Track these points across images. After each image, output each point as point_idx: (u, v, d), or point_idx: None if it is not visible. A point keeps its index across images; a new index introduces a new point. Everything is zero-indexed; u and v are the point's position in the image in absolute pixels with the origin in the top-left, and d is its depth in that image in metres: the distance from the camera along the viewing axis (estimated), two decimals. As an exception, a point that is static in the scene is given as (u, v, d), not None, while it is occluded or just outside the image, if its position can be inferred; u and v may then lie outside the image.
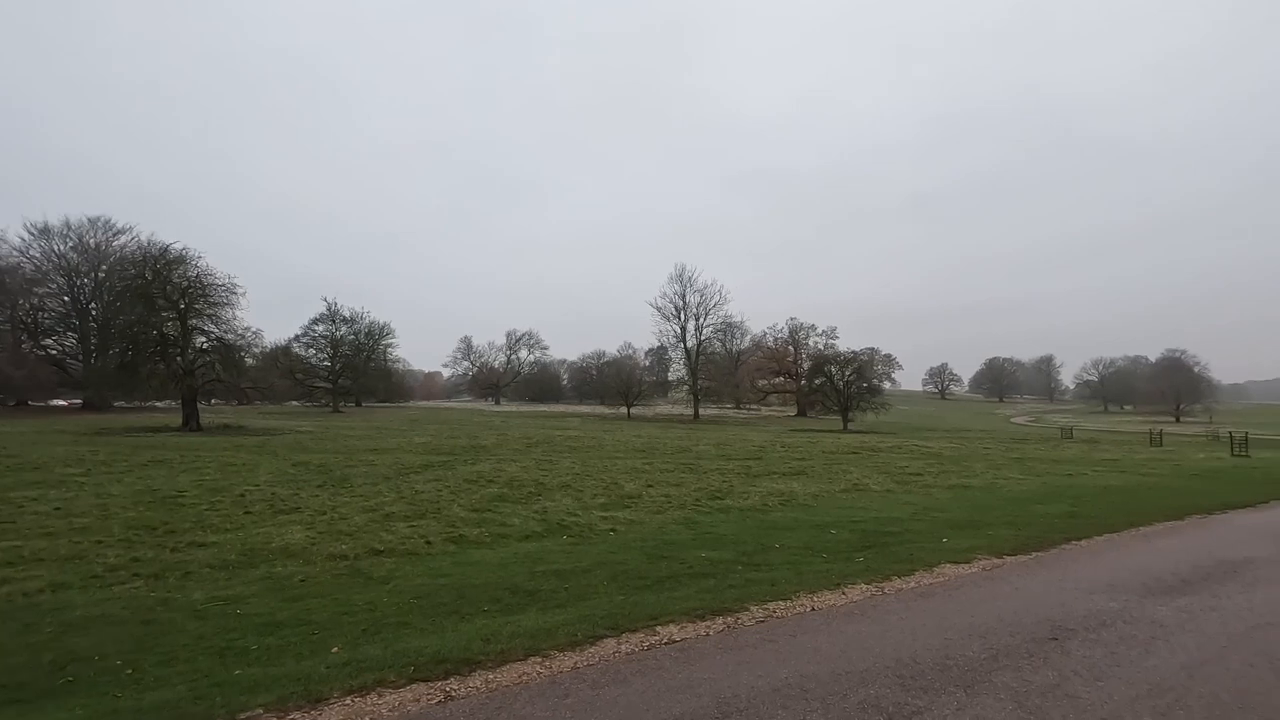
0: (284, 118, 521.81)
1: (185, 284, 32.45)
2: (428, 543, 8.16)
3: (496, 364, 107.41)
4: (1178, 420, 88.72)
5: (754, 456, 23.03)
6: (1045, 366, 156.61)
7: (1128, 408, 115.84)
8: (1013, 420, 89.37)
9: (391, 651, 4.57)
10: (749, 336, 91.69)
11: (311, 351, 65.31)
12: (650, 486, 13.80)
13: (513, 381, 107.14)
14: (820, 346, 76.30)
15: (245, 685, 4.04)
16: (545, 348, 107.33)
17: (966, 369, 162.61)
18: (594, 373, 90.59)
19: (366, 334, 68.79)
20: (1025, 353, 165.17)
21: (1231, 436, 35.62)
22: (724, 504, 11.74)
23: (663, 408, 78.18)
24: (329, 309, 65.07)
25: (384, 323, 70.42)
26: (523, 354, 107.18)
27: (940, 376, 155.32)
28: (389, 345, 72.44)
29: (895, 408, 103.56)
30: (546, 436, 29.75)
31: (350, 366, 65.85)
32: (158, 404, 44.82)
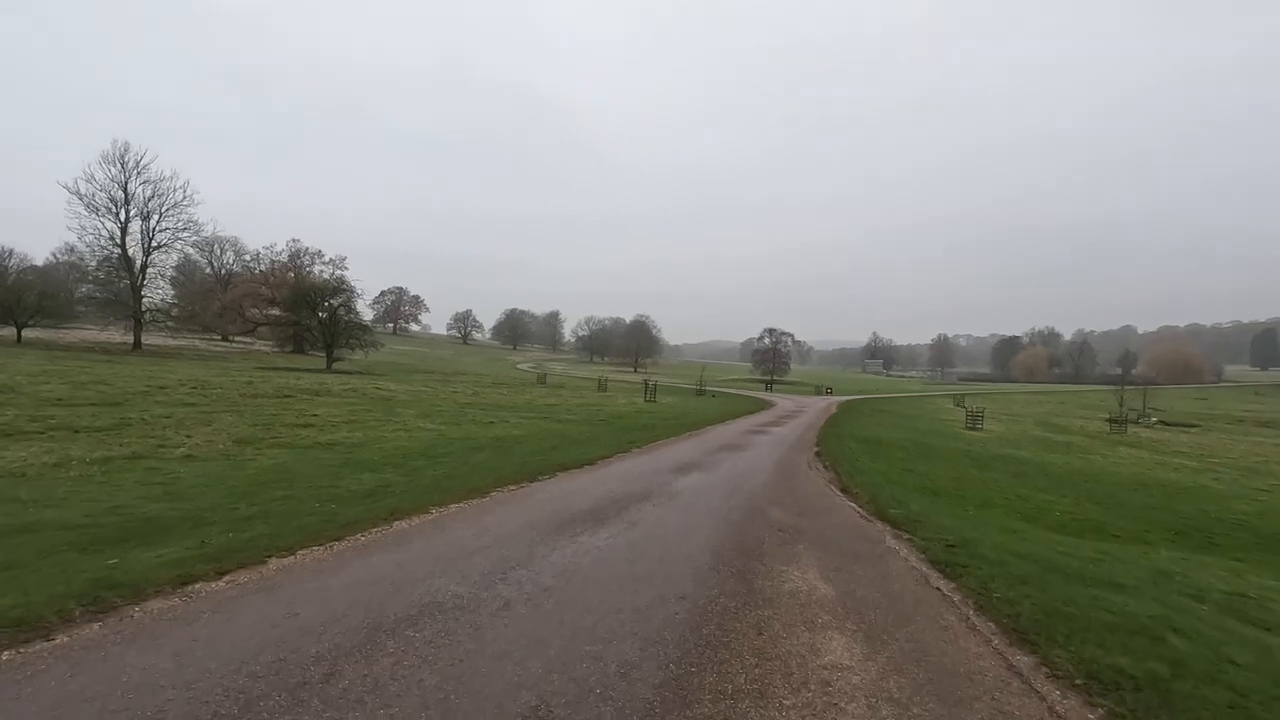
0: None
1: None
2: None
3: None
4: (635, 370, 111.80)
5: (112, 402, 16.63)
6: (553, 320, 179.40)
7: (606, 359, 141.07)
8: (518, 366, 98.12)
9: None
10: (244, 257, 77.14)
11: None
12: None
13: None
14: (328, 275, 68.13)
15: None
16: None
17: (490, 318, 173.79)
18: (-14, 277, 61.91)
19: None
20: (541, 307, 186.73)
21: (646, 384, 44.41)
22: None
23: (96, 334, 58.60)
24: None
25: None
26: None
27: (463, 322, 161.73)
28: None
29: (416, 350, 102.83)
30: None
31: None
32: None
